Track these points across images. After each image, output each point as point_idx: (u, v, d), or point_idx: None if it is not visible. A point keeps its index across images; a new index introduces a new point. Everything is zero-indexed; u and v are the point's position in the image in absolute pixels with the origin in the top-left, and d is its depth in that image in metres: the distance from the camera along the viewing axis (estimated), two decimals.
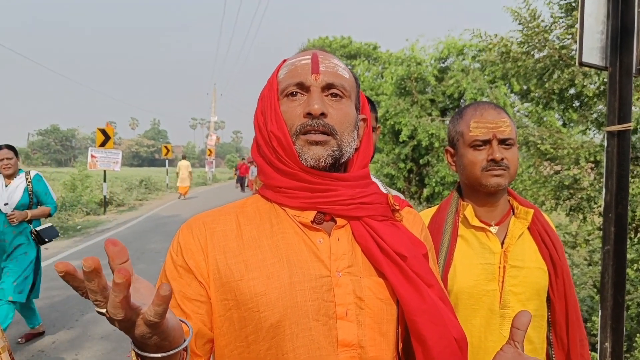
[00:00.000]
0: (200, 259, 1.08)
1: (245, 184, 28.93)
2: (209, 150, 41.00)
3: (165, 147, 30.46)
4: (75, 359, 4.80)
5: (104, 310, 0.69)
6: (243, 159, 28.86)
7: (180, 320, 0.87)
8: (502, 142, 1.61)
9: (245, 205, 1.18)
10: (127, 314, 0.67)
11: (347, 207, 1.10)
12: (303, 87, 1.12)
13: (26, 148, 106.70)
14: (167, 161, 31.10)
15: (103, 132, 17.31)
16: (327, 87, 1.12)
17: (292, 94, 1.12)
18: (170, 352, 0.80)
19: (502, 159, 1.59)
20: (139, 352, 0.79)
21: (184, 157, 24.70)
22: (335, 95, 1.13)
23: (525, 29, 5.11)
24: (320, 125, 1.08)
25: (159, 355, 0.79)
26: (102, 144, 17.14)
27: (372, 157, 2.04)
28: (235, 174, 33.01)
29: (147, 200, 23.36)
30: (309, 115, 1.08)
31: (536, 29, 5.02)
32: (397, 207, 1.18)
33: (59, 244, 11.15)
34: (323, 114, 1.08)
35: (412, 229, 1.21)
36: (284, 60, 1.22)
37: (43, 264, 9.05)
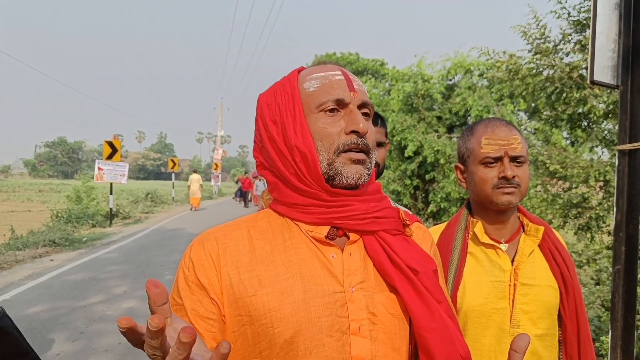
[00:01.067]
0: (213, 275, 1.06)
1: (249, 199, 28.56)
2: (215, 164, 41.13)
3: (172, 161, 30.56)
4: None
5: None
6: (246, 172, 28.62)
7: None
8: (513, 159, 1.60)
9: (256, 219, 1.17)
10: None
11: (361, 222, 1.10)
12: (341, 104, 1.11)
13: (33, 160, 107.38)
14: (173, 174, 31.19)
15: (110, 144, 17.41)
16: (362, 105, 1.12)
17: (331, 110, 1.11)
18: None
19: (514, 177, 1.58)
20: None
21: (194, 171, 26.18)
22: (366, 114, 1.14)
23: (534, 49, 5.12)
24: (364, 145, 1.09)
25: None
26: (109, 157, 17.22)
27: (382, 173, 2.03)
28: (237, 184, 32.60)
29: (153, 213, 23.41)
30: (354, 133, 1.08)
31: (544, 47, 5.03)
32: (408, 222, 1.18)
33: (64, 256, 11.17)
34: (366, 133, 1.09)
35: (422, 245, 1.21)
36: (297, 71, 1.20)
37: (48, 275, 9.09)
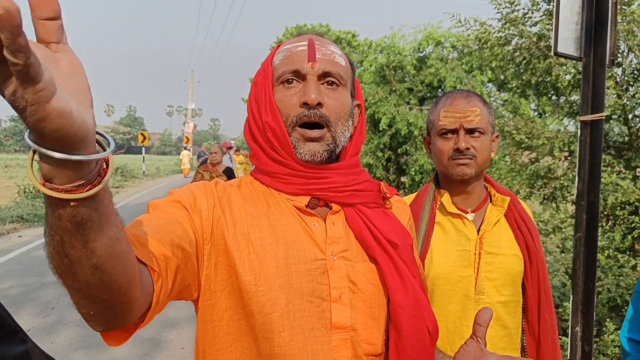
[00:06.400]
0: (211, 212, 1.06)
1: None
2: (186, 137, 40.47)
3: (142, 134, 30.04)
4: (51, 346, 4.76)
5: None
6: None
7: (99, 134, 0.67)
8: (470, 131, 1.63)
9: (240, 185, 1.18)
10: None
11: (341, 194, 1.12)
12: (299, 75, 1.10)
13: None
14: (143, 148, 30.73)
15: None
16: (324, 75, 1.11)
17: (288, 82, 1.10)
18: (72, 156, 0.58)
19: (468, 149, 1.61)
20: (34, 145, 0.58)
21: (185, 148, 33.65)
22: (332, 83, 1.12)
23: (503, 18, 5.14)
24: (317, 116, 1.08)
25: (57, 155, 0.57)
26: None
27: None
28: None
29: (123, 188, 23.09)
30: (305, 105, 1.08)
31: (513, 15, 5.05)
32: (388, 195, 1.20)
33: (33, 232, 11.00)
34: (319, 104, 1.08)
35: (400, 218, 1.23)
36: (279, 45, 1.20)
37: (17, 252, 8.96)
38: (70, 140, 0.57)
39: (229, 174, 7.78)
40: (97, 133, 0.66)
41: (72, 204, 0.62)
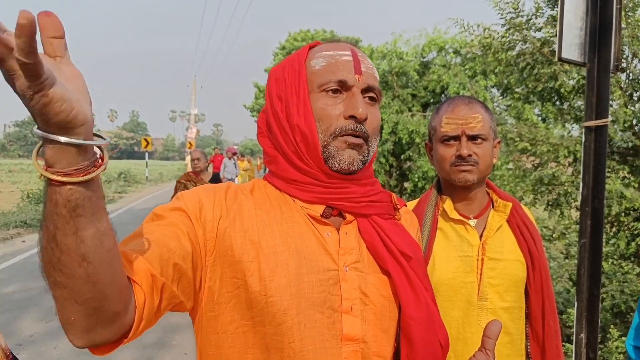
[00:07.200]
0: (217, 219, 1.04)
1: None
2: (189, 143, 40.55)
3: (145, 140, 30.12)
4: (54, 352, 4.76)
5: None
6: (217, 148, 26.25)
7: (97, 135, 0.76)
8: (472, 138, 1.62)
9: (252, 189, 1.15)
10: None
11: (357, 205, 1.11)
12: (344, 86, 1.08)
13: (2, 139, 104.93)
14: (146, 154, 30.81)
15: None
16: (367, 89, 1.09)
17: (332, 91, 1.08)
18: (75, 140, 0.68)
19: (470, 155, 1.61)
20: (41, 132, 0.67)
21: (189, 153, 29.81)
22: (372, 98, 1.11)
23: (507, 23, 5.14)
24: (362, 131, 1.07)
25: (62, 139, 0.67)
26: None
27: None
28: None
29: (126, 193, 23.16)
30: (352, 118, 1.06)
31: (517, 21, 5.05)
32: (399, 206, 1.19)
33: (36, 237, 11.00)
34: (365, 119, 1.07)
35: (409, 230, 1.22)
36: (309, 46, 1.17)
37: (20, 257, 8.97)
38: (71, 123, 0.66)
39: (216, 181, 7.33)
40: (95, 134, 0.75)
41: (69, 187, 0.70)
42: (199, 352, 1.10)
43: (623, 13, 3.77)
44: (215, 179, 7.18)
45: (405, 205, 1.32)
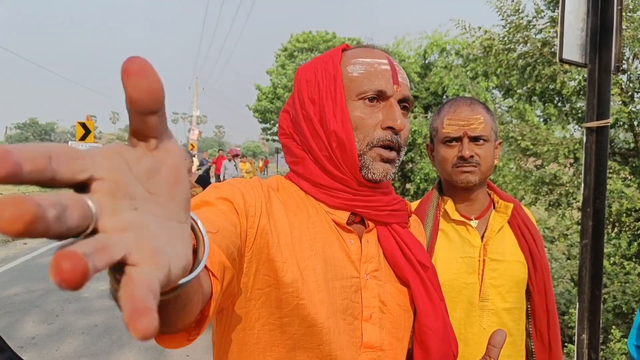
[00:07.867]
0: (258, 215, 1.00)
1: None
2: (191, 144, 40.50)
3: None
4: (56, 354, 4.76)
5: None
6: (220, 150, 25.30)
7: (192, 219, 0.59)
8: (473, 139, 1.62)
9: (278, 188, 1.12)
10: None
11: (381, 213, 1.11)
12: (382, 95, 1.07)
13: (4, 141, 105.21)
14: None
15: (83, 125, 17.06)
16: (402, 100, 1.09)
17: (370, 100, 1.06)
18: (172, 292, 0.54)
19: (472, 156, 1.61)
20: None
21: (192, 155, 33.01)
22: (405, 108, 1.11)
23: (508, 25, 5.15)
24: (397, 142, 1.07)
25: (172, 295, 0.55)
26: (82, 138, 16.87)
27: None
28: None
29: None
30: (390, 129, 1.05)
31: (518, 22, 5.06)
32: (411, 214, 1.21)
33: (39, 239, 11.02)
34: (401, 130, 1.07)
35: (418, 237, 1.22)
36: (341, 49, 1.15)
37: (22, 259, 8.98)
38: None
39: (204, 183, 7.19)
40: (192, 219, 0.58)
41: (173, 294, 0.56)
42: (218, 348, 1.07)
43: (624, 14, 3.77)
44: (203, 180, 7.01)
45: (413, 213, 1.32)
